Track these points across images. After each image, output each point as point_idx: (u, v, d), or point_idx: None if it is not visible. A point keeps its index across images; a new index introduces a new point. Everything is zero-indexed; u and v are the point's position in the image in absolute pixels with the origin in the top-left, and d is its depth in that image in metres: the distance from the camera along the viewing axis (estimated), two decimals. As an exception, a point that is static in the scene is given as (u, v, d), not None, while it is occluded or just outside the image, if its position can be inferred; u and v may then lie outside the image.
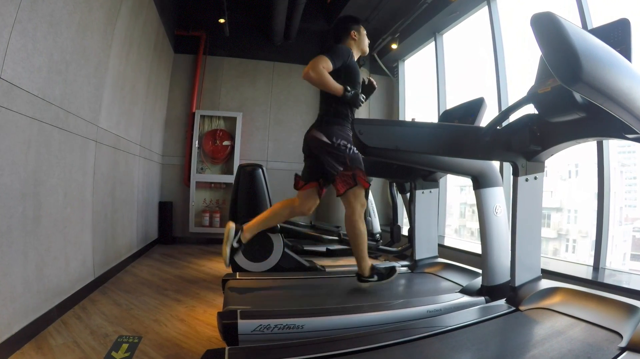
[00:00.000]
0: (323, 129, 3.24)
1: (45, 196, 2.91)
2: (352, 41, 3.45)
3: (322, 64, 3.08)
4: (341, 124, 3.25)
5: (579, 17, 3.85)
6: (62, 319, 3.11)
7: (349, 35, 3.45)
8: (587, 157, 4.29)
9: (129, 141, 5.12)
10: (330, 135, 3.19)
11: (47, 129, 2.89)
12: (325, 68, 3.08)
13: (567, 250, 5.26)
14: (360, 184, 3.16)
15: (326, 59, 3.10)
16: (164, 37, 6.62)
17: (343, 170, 3.14)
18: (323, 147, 3.20)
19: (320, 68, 3.07)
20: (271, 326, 2.34)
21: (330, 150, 3.18)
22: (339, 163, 3.15)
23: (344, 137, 3.20)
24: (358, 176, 3.14)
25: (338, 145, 3.17)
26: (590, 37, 1.48)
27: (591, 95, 1.51)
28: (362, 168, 3.21)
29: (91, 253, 3.88)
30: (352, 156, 3.16)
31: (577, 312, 2.22)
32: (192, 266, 5.41)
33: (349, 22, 3.50)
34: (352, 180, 3.13)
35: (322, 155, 3.22)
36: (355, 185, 3.14)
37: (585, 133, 2.16)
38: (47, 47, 2.82)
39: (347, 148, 3.17)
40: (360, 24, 3.51)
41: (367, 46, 3.57)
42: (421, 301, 2.85)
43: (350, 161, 3.15)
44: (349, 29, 3.46)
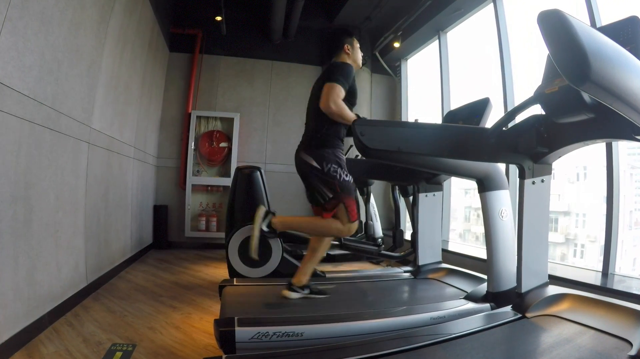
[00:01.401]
0: (313, 153, 3.18)
1: (36, 200, 2.91)
2: (345, 55, 3.41)
3: (341, 96, 3.07)
4: (333, 146, 3.20)
5: (588, 15, 3.86)
6: (53, 327, 3.10)
7: (342, 50, 3.41)
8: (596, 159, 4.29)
9: (122, 143, 5.12)
10: (320, 159, 3.15)
11: (38, 130, 2.89)
12: (342, 98, 3.08)
13: (575, 255, 5.25)
14: (348, 221, 3.15)
15: (341, 89, 3.08)
16: (159, 35, 6.62)
17: (332, 198, 3.13)
18: (312, 171, 3.17)
19: (340, 102, 3.06)
20: (270, 333, 2.34)
21: (320, 175, 3.14)
22: (329, 189, 3.13)
23: (335, 161, 3.16)
24: (348, 206, 3.14)
25: (328, 171, 3.12)
26: (599, 36, 1.48)
27: (600, 95, 1.51)
28: (352, 195, 3.20)
29: (84, 258, 3.88)
30: (342, 183, 3.14)
31: (585, 319, 2.22)
32: (188, 272, 5.40)
33: (342, 35, 3.46)
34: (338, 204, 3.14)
35: (311, 180, 3.20)
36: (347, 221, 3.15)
37: (593, 135, 2.16)
38: (38, 45, 2.82)
39: (337, 173, 3.13)
40: (353, 36, 3.48)
41: (360, 59, 3.53)
42: (424, 308, 2.85)
43: (341, 188, 3.13)
44: (342, 42, 3.41)
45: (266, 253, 4.20)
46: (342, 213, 3.15)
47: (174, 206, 7.51)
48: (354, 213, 3.16)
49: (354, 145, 2.49)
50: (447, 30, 6.65)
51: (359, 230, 6.82)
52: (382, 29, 7.59)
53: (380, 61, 8.19)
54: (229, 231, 4.44)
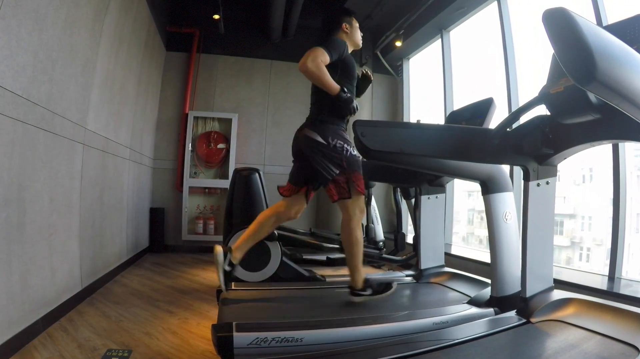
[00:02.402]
0: (317, 128, 3.14)
1: (29, 202, 2.91)
2: (343, 34, 3.37)
3: (320, 57, 3.00)
4: (337, 124, 3.18)
5: (593, 13, 3.86)
6: (47, 332, 3.10)
7: (340, 28, 3.38)
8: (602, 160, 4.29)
9: (118, 144, 5.12)
10: (325, 135, 3.10)
11: (31, 131, 2.89)
12: (323, 61, 3.01)
13: (580, 259, 5.26)
14: (356, 194, 3.08)
15: (323, 52, 3.02)
16: (155, 34, 6.63)
17: (339, 174, 3.06)
18: (317, 147, 3.10)
19: (319, 61, 2.98)
20: (268, 339, 2.34)
21: (326, 151, 3.08)
22: (335, 165, 3.06)
23: (340, 137, 3.13)
24: (355, 180, 3.06)
25: (334, 146, 3.07)
26: (605, 34, 1.48)
27: (606, 95, 1.51)
28: (360, 171, 3.13)
29: (78, 262, 3.88)
30: (349, 158, 3.08)
31: (591, 324, 2.22)
32: (185, 276, 5.40)
33: (340, 14, 3.44)
34: (346, 186, 3.05)
35: (316, 157, 3.11)
36: (349, 197, 3.06)
37: (600, 136, 2.16)
38: (32, 44, 2.83)
39: (343, 149, 3.08)
40: (352, 15, 3.45)
41: (360, 39, 3.50)
42: (427, 312, 2.84)
43: (347, 163, 3.06)
44: (340, 21, 3.39)
45: (265, 257, 4.20)
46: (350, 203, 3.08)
47: (171, 209, 7.51)
48: (360, 186, 3.08)
49: (355, 146, 2.49)
50: (450, 28, 6.64)
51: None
52: (383, 28, 7.58)
53: (382, 60, 8.18)
54: (227, 235, 4.44)
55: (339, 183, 3.06)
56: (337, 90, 3.06)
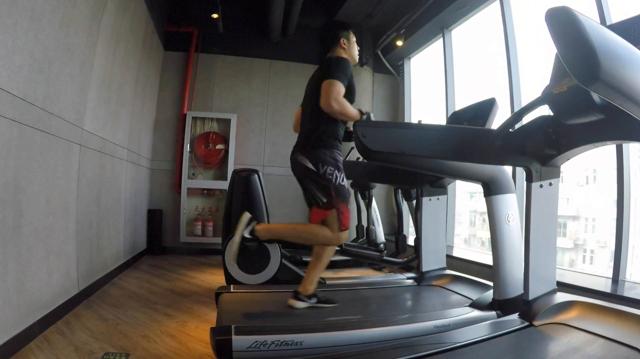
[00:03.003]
0: (308, 153, 3.16)
1: (26, 204, 2.91)
2: (341, 50, 3.38)
3: (341, 92, 3.04)
4: (329, 147, 3.17)
5: (597, 12, 3.86)
6: (44, 335, 3.09)
7: (338, 44, 3.39)
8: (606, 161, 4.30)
9: (115, 144, 5.12)
10: (316, 161, 3.11)
11: (28, 132, 2.89)
12: (342, 94, 3.04)
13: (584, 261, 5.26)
14: (338, 230, 3.10)
15: (340, 85, 3.04)
16: (153, 34, 6.63)
17: (326, 203, 3.09)
18: (307, 174, 3.14)
19: (341, 99, 3.03)
20: (268, 342, 2.34)
21: (315, 178, 3.11)
22: (324, 194, 3.09)
23: (331, 163, 3.12)
24: (342, 213, 3.09)
25: (324, 173, 3.09)
26: (609, 34, 1.48)
27: (610, 96, 1.51)
28: (347, 203, 3.16)
29: (75, 264, 3.88)
30: (338, 187, 3.10)
31: (595, 328, 2.22)
32: (184, 279, 5.40)
33: (338, 29, 3.44)
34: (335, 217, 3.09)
35: (305, 183, 3.19)
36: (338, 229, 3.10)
37: (603, 136, 2.16)
38: (28, 44, 2.82)
39: (333, 176, 3.09)
40: (349, 30, 3.47)
41: (357, 54, 3.51)
42: (428, 315, 2.85)
43: (336, 193, 3.09)
44: (339, 36, 3.39)
45: (264, 259, 4.20)
46: (333, 219, 3.10)
47: (169, 211, 7.51)
48: (346, 221, 3.12)
49: (356, 147, 2.49)
50: (452, 28, 6.64)
51: (361, 235, 6.82)
52: (384, 27, 7.59)
53: (383, 60, 8.19)
54: (226, 237, 4.44)
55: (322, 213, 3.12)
56: (358, 115, 3.11)
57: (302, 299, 3.17)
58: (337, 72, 3.09)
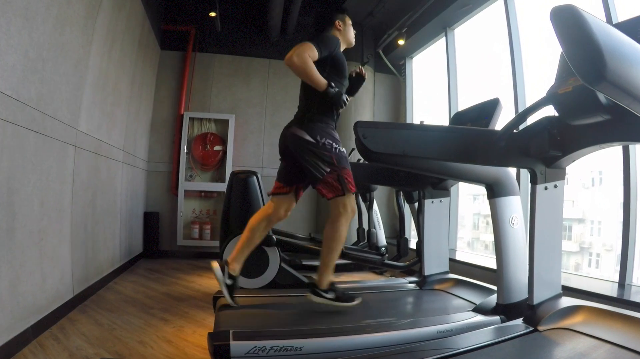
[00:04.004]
0: (305, 127, 3.15)
1: (19, 206, 2.91)
2: (336, 31, 3.40)
3: (308, 51, 3.03)
4: (325, 122, 3.19)
5: (603, 11, 3.86)
6: (38, 341, 3.09)
7: (333, 25, 3.41)
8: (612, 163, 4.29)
9: (111, 146, 5.13)
10: (314, 133, 3.11)
11: (21, 133, 2.89)
12: (311, 57, 3.03)
13: (590, 265, 5.25)
14: (348, 191, 3.08)
15: (312, 47, 3.05)
16: (149, 32, 6.64)
17: (329, 172, 3.06)
18: (306, 146, 3.11)
19: (306, 56, 3.02)
20: (267, 348, 2.34)
21: (315, 149, 3.09)
22: (325, 163, 3.07)
23: (329, 135, 3.14)
24: (346, 177, 3.08)
25: (323, 144, 3.08)
26: (616, 32, 1.48)
27: (616, 96, 1.51)
28: (349, 167, 3.15)
29: (70, 268, 3.88)
30: (339, 155, 3.10)
31: (601, 333, 2.21)
32: (181, 283, 5.40)
33: (333, 10, 3.47)
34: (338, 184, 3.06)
35: (305, 155, 3.12)
36: (343, 194, 3.06)
37: (610, 137, 2.16)
38: (21, 43, 2.83)
39: (332, 147, 3.10)
40: (345, 12, 3.49)
41: (353, 37, 3.53)
42: (431, 320, 2.84)
43: (338, 160, 3.08)
44: (333, 18, 3.42)
45: (263, 263, 4.20)
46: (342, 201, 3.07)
47: (166, 213, 7.51)
48: (351, 182, 3.10)
49: (356, 148, 2.49)
50: (455, 26, 6.64)
51: (362, 239, 6.82)
52: (385, 26, 7.59)
53: (384, 59, 8.20)
54: (224, 240, 4.44)
55: (330, 182, 3.07)
56: (325, 85, 3.08)
57: (319, 294, 3.09)
58: (316, 39, 3.12)
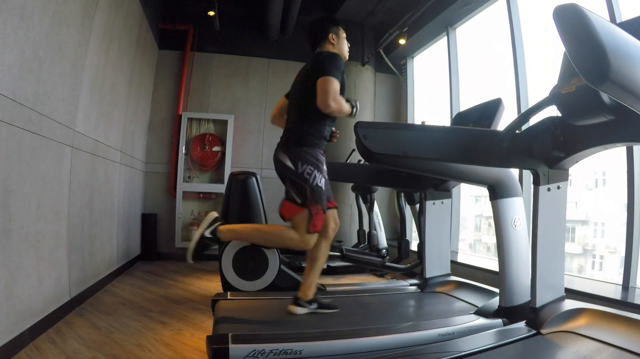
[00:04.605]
0: (289, 151, 3.13)
1: (15, 208, 2.91)
2: (330, 46, 3.37)
3: (336, 89, 3.04)
4: (312, 145, 3.14)
5: (607, 10, 3.87)
6: (34, 344, 3.09)
7: (326, 40, 3.37)
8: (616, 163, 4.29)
9: (108, 147, 5.13)
10: (295, 159, 3.09)
11: (18, 133, 2.89)
12: (337, 92, 3.05)
13: (593, 267, 5.25)
14: (308, 229, 3.06)
15: (336, 82, 3.04)
16: (147, 32, 6.64)
17: (300, 204, 3.07)
18: (285, 173, 3.14)
19: (339, 97, 3.05)
20: (266, 351, 2.34)
21: (292, 177, 3.10)
22: (298, 194, 3.09)
23: (311, 162, 3.09)
24: (314, 214, 3.05)
25: (302, 173, 3.06)
26: (619, 32, 1.48)
27: (620, 96, 1.51)
28: (323, 204, 3.11)
29: (67, 270, 3.87)
30: (314, 188, 3.06)
31: (604, 336, 2.22)
32: (179, 285, 5.40)
33: (327, 24, 3.42)
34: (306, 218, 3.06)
35: (284, 181, 3.19)
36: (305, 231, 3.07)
37: (613, 138, 2.16)
38: (18, 42, 2.83)
39: (311, 176, 3.06)
40: (339, 25, 3.45)
41: (347, 51, 3.49)
42: (432, 323, 2.85)
43: (311, 193, 3.06)
44: (327, 31, 3.38)
45: (262, 265, 4.20)
46: (302, 220, 3.08)
47: (164, 215, 7.50)
48: (316, 225, 3.07)
49: (357, 149, 2.49)
50: (457, 26, 6.65)
51: (362, 241, 6.82)
52: (386, 25, 7.60)
53: (385, 59, 8.20)
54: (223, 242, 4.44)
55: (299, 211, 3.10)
56: (350, 110, 3.18)
57: (302, 305, 3.16)
58: (332, 68, 3.09)
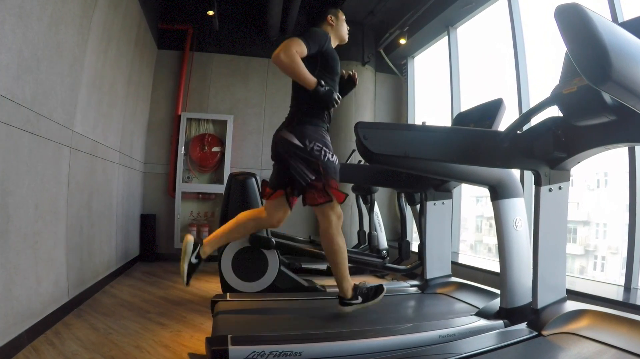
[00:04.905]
0: (294, 129, 3.11)
1: (14, 209, 2.90)
2: (328, 26, 3.36)
3: (295, 47, 3.00)
4: (316, 124, 3.14)
5: (609, 9, 3.86)
6: (32, 346, 3.09)
7: (325, 20, 3.37)
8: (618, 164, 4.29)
9: (107, 147, 5.12)
10: (302, 136, 3.07)
11: (16, 133, 2.89)
12: (299, 52, 3.00)
13: (595, 268, 5.26)
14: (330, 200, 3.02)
15: (300, 42, 3.02)
16: (146, 31, 6.64)
17: (314, 180, 3.01)
18: (294, 150, 3.07)
19: (293, 52, 2.98)
20: (266, 353, 2.34)
21: (302, 154, 3.04)
22: (311, 170, 3.02)
23: (318, 139, 3.08)
24: (331, 188, 3.02)
25: (311, 149, 3.03)
26: (621, 31, 1.48)
27: (622, 96, 1.51)
28: (337, 177, 3.09)
29: (65, 271, 3.87)
30: (326, 163, 3.03)
31: (606, 337, 2.22)
32: (178, 286, 5.39)
33: (326, 5, 3.42)
34: (324, 193, 3.00)
35: (292, 160, 3.08)
36: (330, 201, 3.02)
37: (615, 138, 2.16)
38: (16, 42, 2.82)
39: (321, 153, 3.03)
40: (338, 7, 3.45)
41: (346, 33, 3.47)
42: (433, 325, 2.84)
43: (324, 168, 3.01)
44: (325, 12, 3.38)
45: (262, 266, 4.19)
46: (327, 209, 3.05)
47: (163, 216, 7.50)
48: (339, 195, 3.05)
49: (357, 149, 2.49)
50: (457, 25, 6.65)
51: (362, 241, 6.81)
52: (386, 25, 7.59)
53: (385, 59, 8.20)
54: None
55: (317, 189, 3.02)
56: (314, 83, 3.06)
57: (347, 304, 3.14)
58: (305, 34, 3.09)
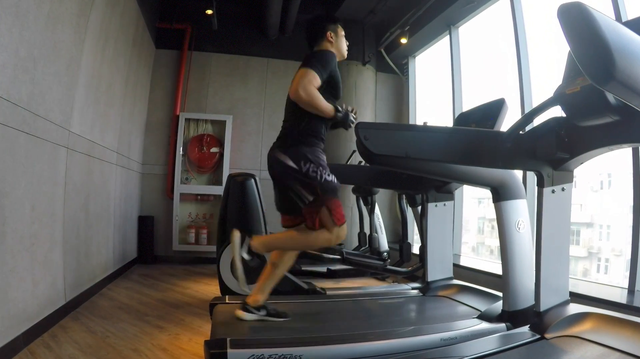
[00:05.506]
0: (288, 151, 3.06)
1: (10, 210, 2.90)
2: (327, 43, 3.33)
3: (313, 82, 2.97)
4: (310, 144, 3.09)
5: (612, 8, 3.86)
6: (29, 349, 3.08)
7: (324, 37, 3.33)
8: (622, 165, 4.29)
9: (104, 148, 5.12)
10: (297, 159, 3.02)
11: (12, 134, 2.89)
12: (315, 85, 2.97)
13: (598, 271, 5.25)
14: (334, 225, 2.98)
15: (314, 75, 2.98)
16: (144, 31, 6.64)
17: (313, 202, 2.99)
18: (288, 173, 3.03)
19: (312, 89, 2.95)
20: (265, 356, 2.34)
21: (298, 176, 3.00)
22: (309, 192, 2.99)
23: (313, 160, 3.02)
24: (334, 208, 2.99)
25: (307, 171, 2.98)
26: (625, 31, 1.48)
27: (626, 96, 1.51)
28: (337, 197, 3.05)
29: (62, 273, 3.87)
30: (323, 184, 2.98)
31: (610, 340, 2.21)
32: (176, 289, 5.39)
33: (324, 21, 3.38)
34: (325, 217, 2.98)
35: (289, 182, 3.07)
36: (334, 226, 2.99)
37: (619, 139, 2.16)
38: (12, 41, 2.82)
39: (317, 174, 2.99)
40: (337, 23, 3.41)
41: (345, 49, 3.45)
42: (434, 328, 2.84)
43: (322, 190, 2.98)
44: (325, 29, 3.34)
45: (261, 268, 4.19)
46: (326, 218, 3.00)
47: (161, 217, 7.50)
48: (339, 216, 3.01)
49: (358, 150, 2.49)
50: (459, 24, 6.64)
51: (363, 243, 6.81)
52: (387, 24, 7.59)
53: (386, 58, 8.20)
54: (221, 245, 4.43)
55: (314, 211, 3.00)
56: (333, 111, 3.05)
57: (250, 311, 3.08)
58: (315, 62, 3.05)
